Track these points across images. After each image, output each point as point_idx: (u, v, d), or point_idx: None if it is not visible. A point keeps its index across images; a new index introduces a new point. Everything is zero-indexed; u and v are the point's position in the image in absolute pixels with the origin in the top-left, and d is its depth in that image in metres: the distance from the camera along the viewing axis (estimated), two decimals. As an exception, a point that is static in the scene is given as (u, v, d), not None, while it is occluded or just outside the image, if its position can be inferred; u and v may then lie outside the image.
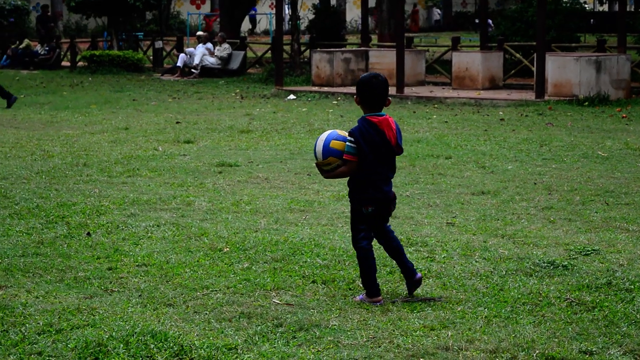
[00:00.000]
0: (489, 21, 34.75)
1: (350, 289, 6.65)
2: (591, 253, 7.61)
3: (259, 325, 5.86)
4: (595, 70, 20.60)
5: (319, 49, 26.59)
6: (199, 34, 31.92)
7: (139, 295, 6.50)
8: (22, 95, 23.20)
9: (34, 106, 20.57)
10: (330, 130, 6.44)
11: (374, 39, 35.30)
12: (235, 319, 5.99)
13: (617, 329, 5.78)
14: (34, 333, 5.68)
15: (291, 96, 22.90)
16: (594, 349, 5.43)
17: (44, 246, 7.86)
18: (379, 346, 5.51)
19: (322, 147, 6.32)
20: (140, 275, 7.00)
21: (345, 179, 6.48)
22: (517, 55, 25.61)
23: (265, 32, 53.39)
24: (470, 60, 23.49)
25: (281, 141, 14.61)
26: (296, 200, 9.82)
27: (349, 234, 8.11)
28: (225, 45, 30.17)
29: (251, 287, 6.67)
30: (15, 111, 19.40)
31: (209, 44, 30.18)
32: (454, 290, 6.61)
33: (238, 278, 6.91)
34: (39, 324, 5.83)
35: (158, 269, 7.17)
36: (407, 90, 22.68)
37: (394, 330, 5.77)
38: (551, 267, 7.14)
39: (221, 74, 29.65)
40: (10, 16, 37.80)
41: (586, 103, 19.74)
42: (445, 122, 17.13)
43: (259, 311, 6.12)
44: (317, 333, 5.72)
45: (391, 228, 6.54)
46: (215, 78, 29.00)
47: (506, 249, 7.74)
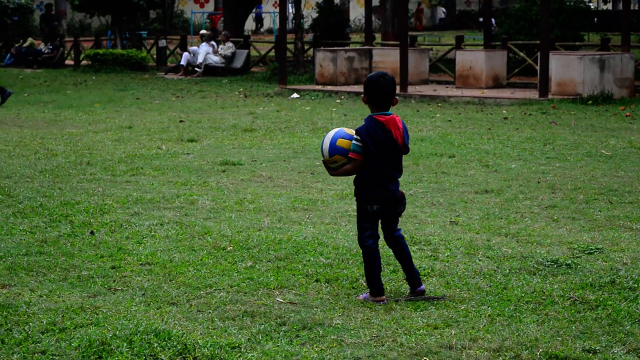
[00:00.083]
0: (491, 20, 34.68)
1: (353, 288, 6.65)
2: (595, 252, 7.60)
3: (263, 324, 5.86)
4: (599, 69, 20.58)
5: (322, 48, 26.55)
6: (203, 32, 31.94)
7: (143, 294, 6.50)
8: (26, 94, 23.23)
9: (38, 105, 20.58)
10: (338, 129, 6.45)
11: (378, 37, 35.30)
12: (238, 317, 5.99)
13: (621, 328, 5.77)
14: (37, 332, 5.68)
15: (295, 95, 22.89)
16: (597, 348, 5.43)
17: (48, 245, 7.86)
18: (383, 345, 5.51)
19: (329, 145, 6.35)
20: (144, 274, 7.01)
21: (350, 177, 6.49)
22: (521, 54, 25.59)
23: (269, 31, 53.40)
24: (474, 59, 23.46)
25: (285, 140, 14.61)
26: (300, 199, 9.81)
27: (352, 233, 8.13)
28: (229, 44, 30.16)
29: (254, 286, 6.67)
30: (19, 110, 19.41)
31: (212, 43, 30.19)
32: (458, 289, 6.60)
33: (241, 277, 6.91)
34: (42, 322, 5.83)
35: (161, 268, 7.17)
36: (411, 89, 22.68)
37: (397, 329, 5.77)
38: (555, 266, 7.14)
39: (225, 72, 29.65)
40: (14, 15, 37.83)
41: (590, 102, 19.73)
42: (449, 121, 17.13)
43: (262, 310, 6.12)
44: (321, 332, 5.72)
45: (402, 233, 6.53)
46: (219, 77, 29.01)
47: (510, 248, 7.73)
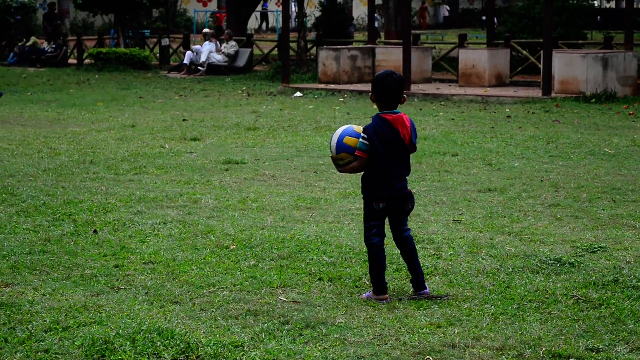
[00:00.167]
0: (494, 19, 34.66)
1: (357, 287, 6.65)
2: (598, 250, 7.60)
3: (266, 322, 5.86)
4: (603, 67, 20.56)
5: (325, 47, 26.53)
6: (206, 31, 31.93)
7: (146, 293, 6.50)
8: (29, 93, 23.25)
9: (41, 104, 20.59)
10: (346, 126, 6.46)
11: (381, 36, 35.29)
12: (241, 316, 5.99)
13: (624, 327, 5.77)
14: (40, 331, 5.69)
15: (298, 94, 22.89)
16: (600, 347, 5.43)
17: (51, 244, 7.87)
18: (386, 344, 5.51)
19: (337, 143, 6.37)
20: (147, 273, 7.01)
21: (354, 176, 6.48)
22: (524, 52, 25.56)
23: (272, 30, 53.39)
24: (477, 57, 23.44)
25: (288, 139, 14.61)
26: (303, 198, 9.81)
27: (355, 232, 8.13)
28: (232, 43, 30.16)
29: (258, 285, 6.67)
30: (22, 109, 19.43)
31: (216, 41, 30.19)
32: (461, 288, 6.60)
33: (245, 276, 6.91)
34: (45, 321, 5.84)
35: (165, 267, 7.18)
36: (414, 88, 22.67)
37: (400, 328, 5.77)
38: (558, 265, 7.13)
39: (228, 71, 29.65)
40: (18, 14, 37.81)
41: (593, 100, 19.71)
42: (452, 120, 17.12)
43: (265, 309, 6.12)
44: (324, 331, 5.72)
45: (411, 234, 6.52)
46: (222, 76, 29.01)
47: (513, 247, 7.73)
